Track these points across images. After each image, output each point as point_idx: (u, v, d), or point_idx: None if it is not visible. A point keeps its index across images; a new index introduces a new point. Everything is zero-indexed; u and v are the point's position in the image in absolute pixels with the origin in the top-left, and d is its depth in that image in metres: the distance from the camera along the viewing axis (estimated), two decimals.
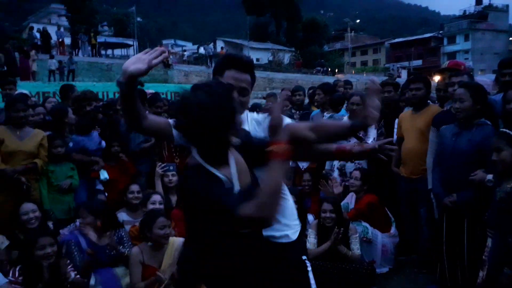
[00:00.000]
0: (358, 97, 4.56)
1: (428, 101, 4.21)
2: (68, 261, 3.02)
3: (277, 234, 1.85)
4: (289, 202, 1.97)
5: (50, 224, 3.56)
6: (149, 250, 3.14)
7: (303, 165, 4.76)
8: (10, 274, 2.88)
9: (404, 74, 41.97)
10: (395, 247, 4.07)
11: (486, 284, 2.52)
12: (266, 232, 1.73)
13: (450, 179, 3.12)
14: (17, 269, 2.94)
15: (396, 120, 4.31)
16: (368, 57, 59.03)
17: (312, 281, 1.93)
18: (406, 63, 47.42)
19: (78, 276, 2.96)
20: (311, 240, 3.72)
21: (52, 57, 17.89)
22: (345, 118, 4.56)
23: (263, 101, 7.13)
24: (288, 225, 1.91)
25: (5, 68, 15.31)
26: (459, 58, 50.97)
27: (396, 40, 57.58)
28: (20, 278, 2.88)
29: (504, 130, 2.61)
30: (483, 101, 3.03)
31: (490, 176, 2.78)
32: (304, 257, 1.93)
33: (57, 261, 2.93)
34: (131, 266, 3.08)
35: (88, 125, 4.24)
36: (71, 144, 4.03)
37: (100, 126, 4.40)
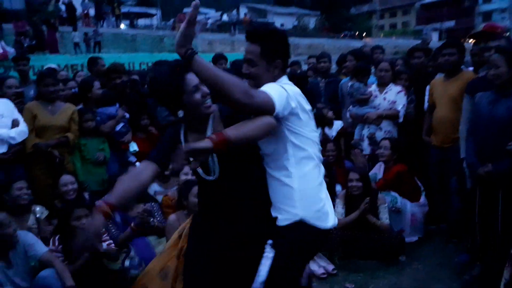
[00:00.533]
0: (387, 64, 4.42)
1: (462, 66, 4.03)
2: (104, 230, 3.15)
3: (272, 214, 1.86)
4: (291, 187, 1.83)
5: (86, 195, 3.70)
6: (185, 218, 3.24)
7: (332, 134, 4.70)
8: (51, 243, 3.03)
9: (435, 37, 40.27)
10: (425, 217, 4.04)
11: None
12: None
13: (485, 148, 3.00)
14: (57, 238, 3.09)
15: (428, 87, 4.17)
16: (397, 19, 56.55)
17: (263, 269, 1.77)
18: (438, 25, 45.31)
19: (112, 245, 3.08)
20: (339, 210, 3.73)
21: (75, 29, 17.97)
22: (374, 86, 4.45)
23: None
24: (279, 209, 1.85)
25: (34, 42, 15.61)
26: (495, 18, 48.31)
27: (427, 0, 54.85)
28: (60, 246, 3.03)
29: None
30: None
31: None
32: (269, 241, 1.81)
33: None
34: (168, 233, 3.16)
35: (112, 97, 4.28)
36: (98, 118, 4.10)
37: (127, 101, 4.44)
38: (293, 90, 1.79)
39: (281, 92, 1.72)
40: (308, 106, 1.86)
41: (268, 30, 1.88)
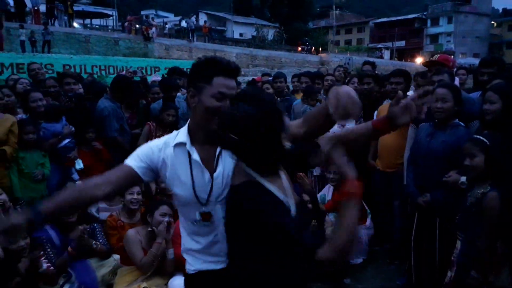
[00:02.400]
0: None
1: (408, 94, 4.22)
2: (42, 252, 2.97)
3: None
4: None
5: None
6: (146, 234, 3.17)
7: None
8: None
9: (386, 55, 42.18)
10: (370, 239, 4.15)
11: (453, 285, 2.59)
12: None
13: (424, 178, 3.16)
14: None
15: (375, 113, 4.32)
16: (352, 36, 58.87)
17: None
18: (389, 44, 47.53)
19: (51, 268, 2.91)
20: None
21: (22, 27, 17.05)
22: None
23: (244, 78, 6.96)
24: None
25: None
26: (441, 41, 51.47)
27: (381, 20, 57.46)
28: None
29: (477, 136, 2.63)
30: (460, 102, 3.04)
31: (463, 178, 2.81)
32: None
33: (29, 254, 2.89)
34: (130, 246, 3.10)
35: (59, 112, 4.10)
36: (41, 133, 3.90)
37: (71, 113, 4.26)
38: None
39: None
40: None
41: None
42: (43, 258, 2.93)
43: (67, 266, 2.98)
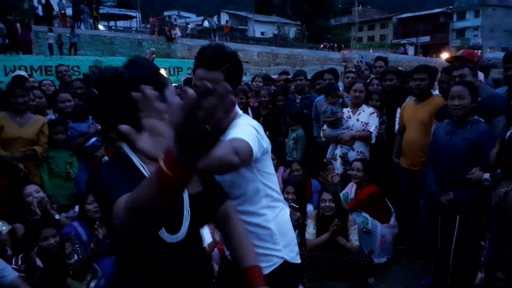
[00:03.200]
0: (362, 84, 4.49)
1: (432, 91, 4.14)
2: (70, 247, 3.07)
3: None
4: (271, 228, 1.70)
5: (54, 211, 3.59)
6: None
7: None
8: (13, 262, 2.93)
9: (411, 51, 41.37)
10: (394, 238, 4.10)
11: (483, 286, 2.53)
12: None
13: (445, 177, 3.11)
14: (19, 257, 2.98)
15: (399, 109, 4.27)
16: (375, 32, 57.99)
17: None
18: (413, 39, 46.60)
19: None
20: (310, 231, 3.75)
21: (51, 30, 17.58)
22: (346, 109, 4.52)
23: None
24: (262, 256, 1.63)
25: (7, 41, 15.17)
26: (468, 35, 50.11)
27: (404, 15, 56.37)
28: (23, 266, 2.93)
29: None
30: (477, 98, 3.00)
31: (487, 175, 2.76)
32: None
33: (59, 250, 2.98)
34: None
35: (85, 111, 4.20)
36: (69, 133, 4.01)
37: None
38: (258, 126, 1.64)
39: (252, 132, 1.54)
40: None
41: (231, 54, 1.65)
42: (72, 253, 3.04)
43: (92, 262, 3.05)
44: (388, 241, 4.02)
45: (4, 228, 3.28)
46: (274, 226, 1.72)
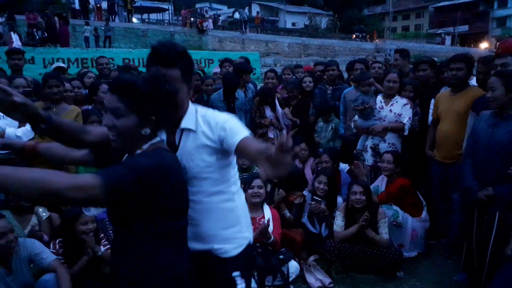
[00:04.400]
0: (396, 75, 4.38)
1: (470, 81, 3.99)
2: (102, 234, 3.18)
3: (215, 246, 1.75)
4: (237, 210, 1.82)
5: None
6: None
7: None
8: (51, 246, 3.06)
9: (448, 41, 39.92)
10: (425, 232, 4.01)
11: None
12: (206, 245, 1.73)
13: (485, 171, 2.98)
14: (57, 242, 3.12)
15: (433, 100, 4.14)
16: (410, 22, 56.18)
17: None
18: (451, 29, 44.89)
19: (109, 251, 3.10)
20: (338, 223, 3.72)
21: (87, 23, 18.12)
22: (379, 97, 4.43)
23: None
24: (228, 239, 1.77)
25: (46, 34, 15.73)
26: (510, 24, 47.77)
27: (441, 3, 54.29)
28: (61, 250, 3.06)
29: None
30: None
31: None
32: (235, 274, 1.76)
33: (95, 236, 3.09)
34: None
35: None
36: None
37: None
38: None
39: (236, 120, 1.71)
40: None
41: (184, 52, 1.67)
42: (104, 240, 3.14)
43: None
44: (419, 235, 3.93)
45: (44, 214, 3.44)
46: (241, 210, 1.84)
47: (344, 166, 4.83)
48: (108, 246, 3.11)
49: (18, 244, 2.77)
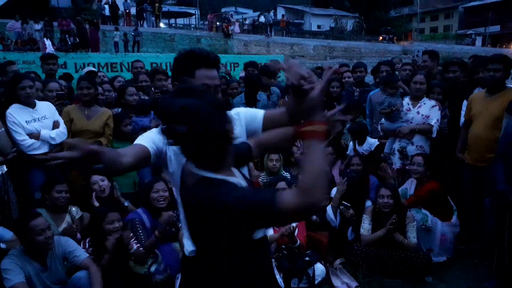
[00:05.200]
0: (423, 76, 4.31)
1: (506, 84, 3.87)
2: (131, 234, 3.26)
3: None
4: None
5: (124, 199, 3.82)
6: None
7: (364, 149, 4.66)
8: (81, 245, 3.17)
9: (478, 42, 38.78)
10: (455, 237, 3.91)
11: None
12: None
13: None
14: (87, 241, 3.22)
15: (465, 102, 4.04)
16: (438, 23, 54.89)
17: None
18: (482, 29, 43.59)
19: (141, 248, 3.18)
20: (365, 226, 3.68)
21: (117, 29, 18.60)
22: (407, 99, 4.36)
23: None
24: None
25: (77, 40, 16.23)
26: None
27: (472, 3, 52.81)
28: (90, 249, 3.16)
29: None
30: None
31: None
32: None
33: (121, 235, 3.18)
34: (181, 243, 3.22)
35: (148, 106, 4.41)
36: (131, 126, 4.22)
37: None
38: None
39: None
40: None
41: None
42: (133, 240, 3.23)
43: (155, 248, 3.22)
44: (449, 239, 3.84)
45: (77, 213, 3.57)
46: None
47: (373, 141, 4.70)
48: (139, 245, 3.19)
49: (53, 242, 2.87)
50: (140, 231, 3.24)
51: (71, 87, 5.15)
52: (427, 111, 4.18)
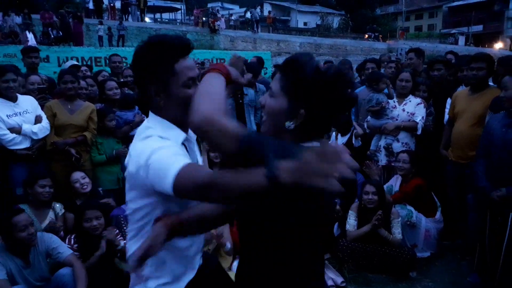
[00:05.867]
0: (408, 74, 4.35)
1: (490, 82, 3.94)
2: (117, 230, 3.21)
3: None
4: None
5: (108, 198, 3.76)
6: None
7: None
8: (66, 242, 3.10)
9: (461, 41, 39.42)
10: (439, 233, 3.97)
11: None
12: None
13: (498, 172, 2.95)
14: (72, 237, 3.16)
15: (449, 100, 4.09)
16: (423, 21, 55.55)
17: None
18: (465, 29, 44.30)
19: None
20: (351, 222, 3.71)
21: (101, 23, 18.31)
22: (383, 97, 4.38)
23: None
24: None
25: (60, 33, 15.94)
26: None
27: (456, 3, 53.60)
28: (76, 245, 3.11)
29: None
30: None
31: None
32: None
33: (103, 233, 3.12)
34: None
35: (132, 101, 4.34)
36: (115, 121, 4.17)
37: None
38: None
39: None
40: None
41: None
42: (119, 236, 3.18)
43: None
44: (433, 235, 3.90)
45: (61, 210, 3.50)
46: None
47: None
48: (125, 241, 3.14)
49: (36, 238, 2.81)
50: (125, 227, 3.19)
51: (52, 81, 5.03)
52: (412, 109, 4.22)
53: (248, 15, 27.95)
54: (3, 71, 3.61)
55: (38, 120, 3.74)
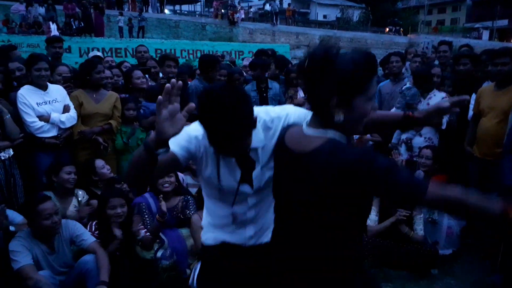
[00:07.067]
0: (439, 69, 4.27)
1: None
2: (140, 224, 3.25)
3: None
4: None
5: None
6: None
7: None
8: (88, 228, 3.17)
9: (485, 36, 38.41)
10: (462, 230, 3.91)
11: None
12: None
13: None
14: (93, 223, 3.22)
15: (473, 95, 4.00)
16: (446, 15, 54.34)
17: None
18: (489, 23, 43.15)
19: (148, 234, 3.18)
20: (372, 217, 3.67)
21: (121, 14, 18.48)
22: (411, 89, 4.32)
23: None
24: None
25: (82, 24, 16.13)
26: None
27: None
28: (96, 232, 3.16)
29: None
30: None
31: None
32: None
33: (128, 220, 3.18)
34: (193, 232, 3.20)
35: (158, 92, 4.36)
36: (141, 111, 4.20)
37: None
38: None
39: None
40: None
41: None
42: (140, 225, 3.22)
43: (159, 232, 3.21)
44: (455, 233, 3.84)
45: (84, 197, 3.57)
46: None
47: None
48: (146, 230, 3.19)
49: (60, 226, 2.87)
50: (146, 216, 3.23)
51: (76, 71, 5.10)
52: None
53: (268, 7, 27.73)
54: (36, 60, 3.67)
55: (66, 109, 3.80)
